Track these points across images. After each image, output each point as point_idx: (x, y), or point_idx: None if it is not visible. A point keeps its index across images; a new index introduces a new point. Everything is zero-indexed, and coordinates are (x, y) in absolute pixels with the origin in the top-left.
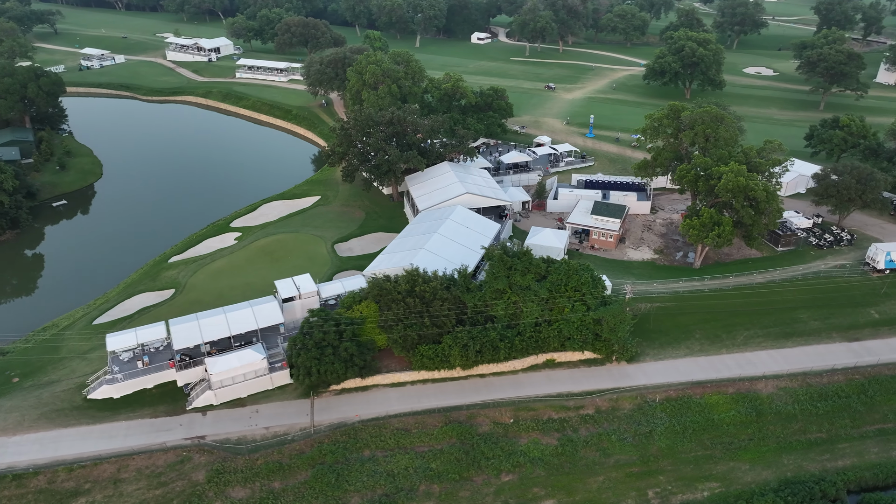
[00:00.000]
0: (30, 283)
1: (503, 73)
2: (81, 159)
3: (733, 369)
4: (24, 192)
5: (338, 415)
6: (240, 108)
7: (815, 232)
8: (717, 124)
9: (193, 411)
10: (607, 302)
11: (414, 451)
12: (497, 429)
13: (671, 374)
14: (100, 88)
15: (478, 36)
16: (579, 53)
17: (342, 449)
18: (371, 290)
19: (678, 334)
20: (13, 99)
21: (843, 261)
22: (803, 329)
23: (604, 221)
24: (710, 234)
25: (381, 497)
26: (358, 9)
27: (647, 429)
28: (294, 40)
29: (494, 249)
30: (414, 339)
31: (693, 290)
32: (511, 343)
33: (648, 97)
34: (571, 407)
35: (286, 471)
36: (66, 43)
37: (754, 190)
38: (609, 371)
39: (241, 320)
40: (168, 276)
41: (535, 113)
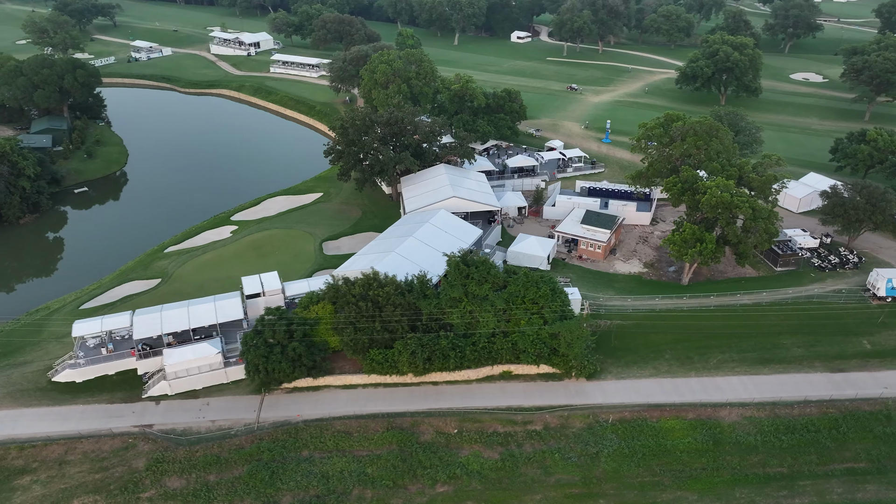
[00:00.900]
0: (39, 265)
1: (535, 73)
2: (109, 148)
3: (698, 394)
4: (48, 179)
5: (284, 413)
6: (268, 102)
7: (821, 252)
8: (710, 137)
9: (148, 400)
10: (567, 316)
11: (352, 455)
12: (439, 438)
13: (630, 395)
14: (143, 80)
15: (517, 35)
16: (619, 54)
17: (281, 447)
18: (327, 292)
19: (647, 353)
20: (50, 89)
21: (843, 285)
22: (784, 356)
23: (593, 231)
24: (690, 250)
25: (313, 498)
26: (399, 6)
27: (594, 450)
28: (329, 36)
29: (453, 257)
30: (365, 343)
31: (671, 308)
32: (462, 353)
33: (680, 102)
34: (519, 421)
35: (223, 464)
36: (122, 35)
37: (740, 207)
38: (566, 387)
39: (201, 314)
40: (159, 266)
41: (556, 115)
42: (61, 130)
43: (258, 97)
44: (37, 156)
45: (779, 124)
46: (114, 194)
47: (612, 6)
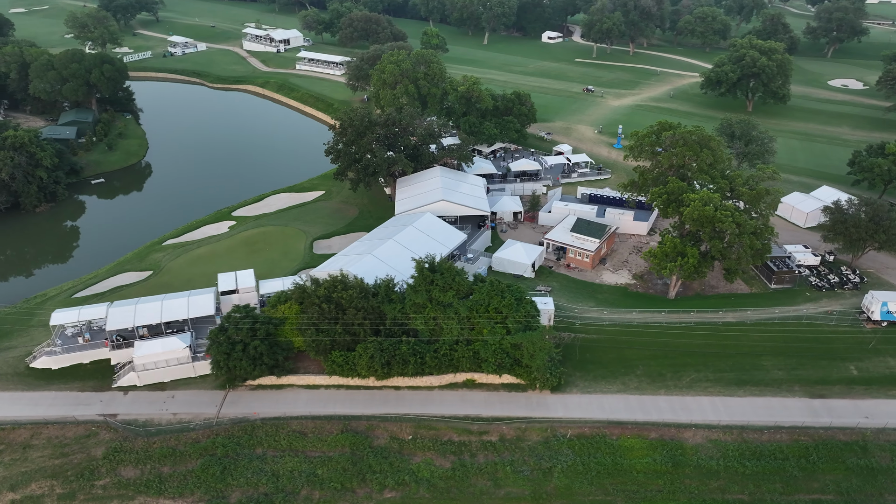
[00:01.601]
0: (49, 253)
1: (560, 74)
2: (131, 141)
3: (664, 413)
4: (66, 169)
5: (245, 409)
6: (290, 99)
7: (821, 271)
8: (701, 147)
9: (117, 390)
10: (532, 327)
11: (304, 455)
12: (393, 444)
13: (593, 410)
14: (175, 74)
15: (548, 35)
16: (651, 57)
17: (235, 444)
18: (294, 292)
19: (618, 368)
20: (78, 83)
21: (838, 306)
22: (762, 378)
23: (582, 240)
24: (668, 264)
25: (261, 496)
26: (431, 4)
27: (548, 464)
28: (356, 35)
29: (422, 262)
30: (326, 345)
31: (649, 323)
32: (422, 359)
33: (703, 108)
34: (474, 431)
35: (178, 457)
36: (163, 30)
37: (723, 222)
38: (528, 399)
39: (173, 309)
40: (153, 258)
41: (571, 119)
42: (86, 123)
43: (281, 94)
44: (57, 147)
45: (805, 133)
46: (129, 186)
47: (644, 7)
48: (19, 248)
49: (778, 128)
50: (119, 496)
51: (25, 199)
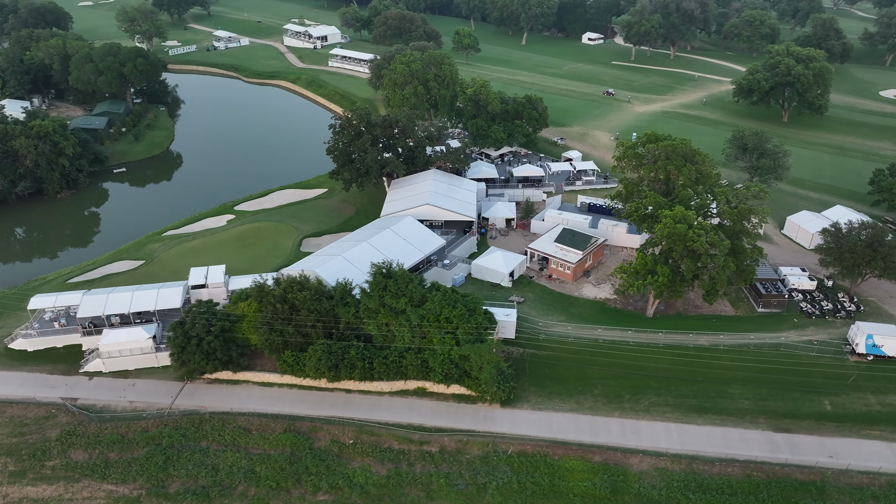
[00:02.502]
0: (62, 238)
1: (593, 77)
2: (157, 132)
3: (614, 436)
4: (91, 158)
5: (198, 402)
6: (317, 95)
7: (815, 296)
8: (684, 162)
9: (84, 374)
10: (482, 339)
11: (246, 452)
12: (333, 447)
13: (540, 428)
14: (214, 68)
15: (588, 36)
16: (691, 61)
17: (182, 435)
18: (253, 290)
19: (575, 386)
20: (112, 76)
21: (825, 335)
22: (725, 407)
23: (565, 251)
24: (637, 282)
25: (198, 488)
26: (472, 3)
27: (484, 480)
28: (389, 33)
29: (380, 267)
30: (279, 344)
31: (616, 341)
32: (370, 364)
33: (735, 117)
34: (415, 440)
35: (125, 444)
36: (213, 25)
37: (694, 241)
38: (476, 411)
39: (142, 300)
40: (149, 248)
41: (589, 124)
42: (118, 113)
43: (310, 90)
44: (83, 136)
45: (840, 147)
46: (148, 176)
47: (687, 10)
48: (38, 232)
49: (812, 140)
50: (66, 478)
51: (48, 185)
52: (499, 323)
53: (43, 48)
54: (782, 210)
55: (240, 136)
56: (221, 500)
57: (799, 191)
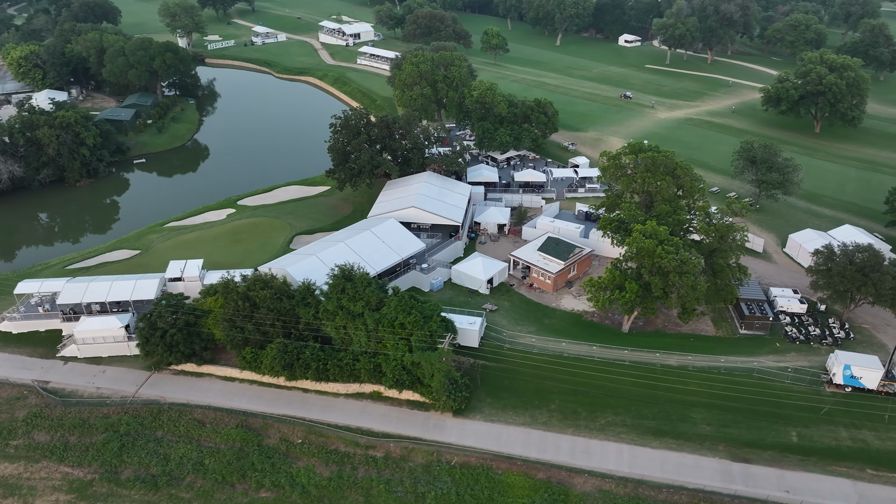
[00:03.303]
0: (75, 225)
1: (622, 81)
2: (181, 125)
3: (563, 453)
4: (112, 148)
5: (161, 392)
6: (342, 92)
7: (803, 320)
8: (665, 174)
9: (60, 359)
10: (435, 347)
11: (197, 444)
12: (281, 445)
13: (488, 440)
14: (248, 63)
15: (625, 38)
16: (729, 66)
17: (139, 423)
18: (219, 286)
19: (532, 399)
20: (142, 69)
21: (805, 362)
22: (685, 431)
23: (546, 260)
24: (601, 297)
25: (148, 476)
26: (509, 3)
27: (423, 489)
28: (419, 32)
29: (346, 269)
30: (240, 340)
31: (580, 356)
32: (324, 365)
33: (763, 126)
34: (362, 444)
35: (86, 429)
36: (255, 20)
37: (662, 258)
38: (427, 419)
39: (119, 290)
40: (148, 239)
41: (606, 129)
42: (145, 106)
43: (335, 87)
44: (105, 127)
45: (871, 161)
46: (165, 167)
47: (725, 13)
48: (55, 218)
49: (842, 153)
50: (27, 457)
51: (69, 173)
52: (461, 331)
53: (81, 42)
54: (789, 227)
55: (260, 130)
56: (169, 489)
57: (813, 207)
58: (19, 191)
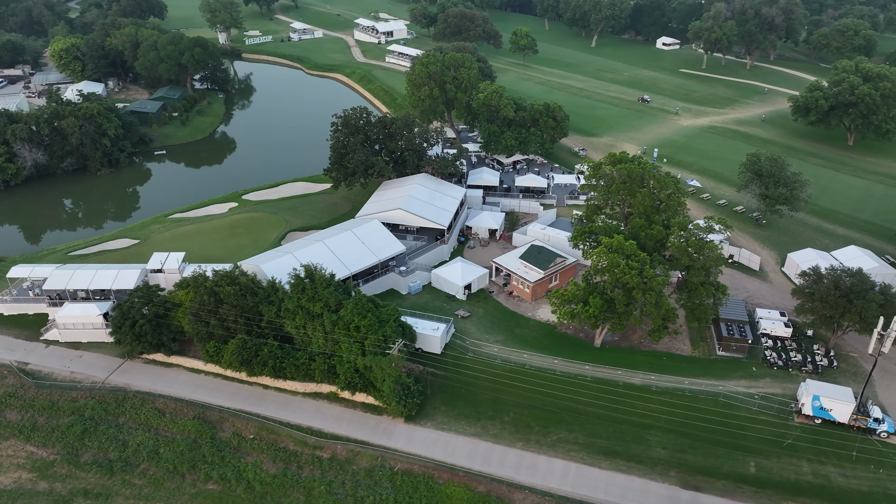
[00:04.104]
0: (91, 212)
1: (653, 85)
2: (205, 118)
3: (506, 468)
4: (135, 140)
5: (130, 380)
6: (366, 90)
7: (786, 345)
8: (639, 186)
9: (43, 342)
10: (387, 352)
11: (155, 433)
12: (233, 439)
13: (435, 449)
14: (282, 59)
15: (663, 41)
16: (769, 72)
17: (103, 409)
18: (190, 280)
19: (486, 410)
20: (171, 63)
21: (778, 389)
22: (638, 454)
23: (526, 269)
24: (563, 309)
25: (105, 461)
26: (546, 2)
27: (363, 493)
28: (448, 31)
29: (310, 269)
30: (204, 334)
31: (542, 369)
32: (281, 363)
33: (791, 137)
34: (310, 444)
35: (53, 411)
36: (297, 16)
37: (624, 273)
38: (378, 423)
39: (102, 279)
40: (150, 229)
41: (622, 136)
42: (172, 99)
43: (361, 84)
44: (129, 119)
45: None
46: (184, 159)
47: (767, 17)
48: (74, 206)
49: (872, 168)
50: None
51: (91, 162)
52: (424, 337)
53: (118, 36)
54: (794, 244)
55: (281, 125)
56: (123, 475)
57: (825, 224)
58: (44, 178)
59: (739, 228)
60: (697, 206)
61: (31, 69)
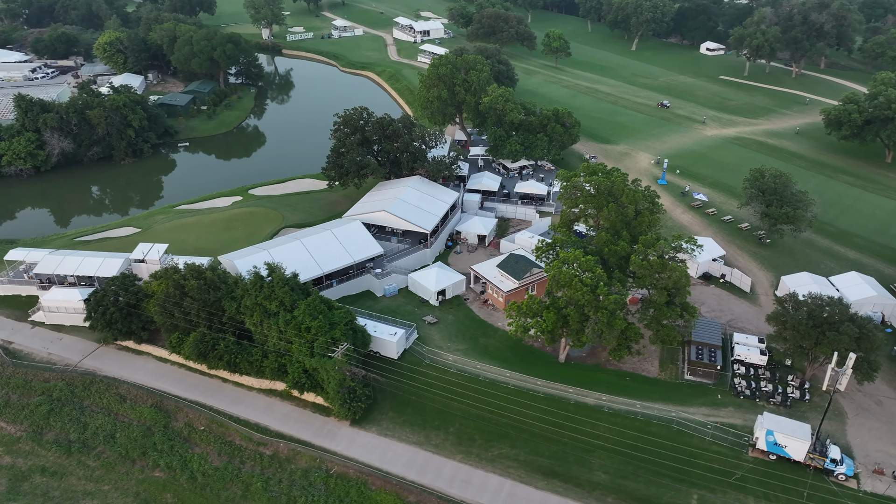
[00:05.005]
0: (114, 199)
1: (686, 92)
2: (232, 112)
3: (440, 479)
4: (160, 131)
5: (101, 365)
6: (392, 89)
7: (761, 373)
8: (607, 201)
9: (30, 322)
10: (330, 355)
11: (115, 418)
12: (185, 429)
13: (373, 454)
14: (318, 55)
15: (708, 46)
16: (817, 81)
17: (70, 391)
18: (162, 272)
19: (433, 419)
20: (203, 58)
21: (741, 421)
22: (578, 476)
23: (502, 278)
24: (517, 322)
25: (65, 441)
26: (589, 4)
27: (297, 493)
28: (482, 31)
29: (273, 266)
30: (169, 325)
31: (495, 381)
32: (235, 359)
33: (823, 152)
34: (254, 440)
35: (25, 389)
36: (343, 13)
37: (576, 290)
38: (324, 424)
39: (87, 266)
40: (154, 219)
41: (639, 144)
42: (202, 93)
43: (389, 83)
44: (155, 111)
45: None
46: (205, 152)
47: (815, 23)
48: (105, 191)
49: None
50: None
51: (116, 152)
52: (381, 341)
53: (158, 30)
54: (796, 266)
55: (304, 121)
56: (79, 455)
57: (836, 246)
58: (70, 165)
59: (740, 247)
60: (700, 221)
61: (82, 61)
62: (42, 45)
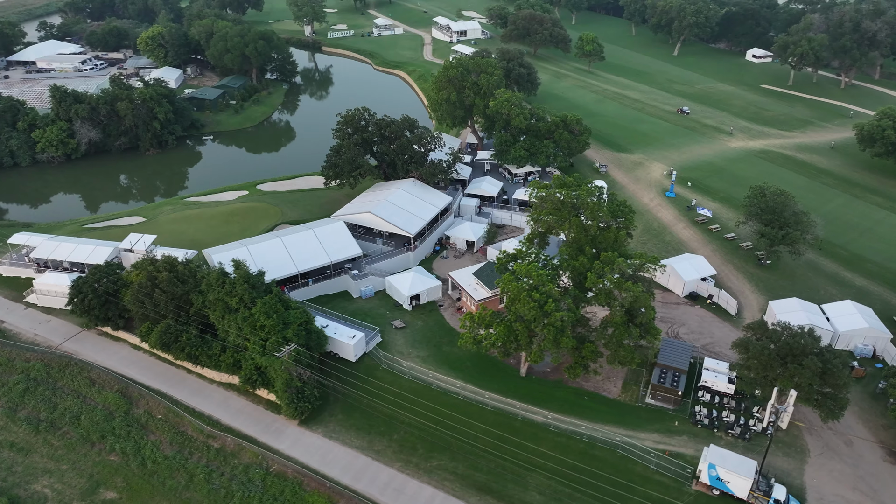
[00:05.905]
0: (129, 189)
1: (721, 101)
2: (259, 108)
3: (373, 485)
4: (186, 124)
5: (81, 349)
6: (420, 89)
7: (726, 402)
8: (569, 215)
9: (25, 304)
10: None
11: (83, 400)
12: (143, 416)
13: (313, 456)
14: (355, 53)
15: (753, 53)
16: (867, 93)
17: (46, 372)
18: (140, 263)
19: (379, 425)
20: (235, 54)
21: (692, 451)
22: (512, 494)
23: (476, 286)
24: (467, 333)
25: (36, 419)
26: (634, 7)
27: (235, 488)
28: (515, 33)
29: (237, 263)
30: (141, 314)
31: (446, 391)
32: (195, 351)
33: (853, 169)
34: (205, 433)
35: (6, 367)
36: (388, 12)
37: (523, 304)
38: (273, 422)
39: (79, 253)
40: (160, 210)
41: (655, 154)
42: (232, 88)
43: (417, 83)
44: (182, 105)
45: None
46: (228, 145)
47: (867, 31)
48: (131, 180)
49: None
50: None
51: (142, 143)
52: (339, 343)
53: (197, 26)
54: (794, 291)
55: (328, 118)
56: (45, 434)
57: (843, 271)
58: (99, 154)
59: (737, 267)
60: (701, 238)
61: (131, 53)
62: (95, 38)
